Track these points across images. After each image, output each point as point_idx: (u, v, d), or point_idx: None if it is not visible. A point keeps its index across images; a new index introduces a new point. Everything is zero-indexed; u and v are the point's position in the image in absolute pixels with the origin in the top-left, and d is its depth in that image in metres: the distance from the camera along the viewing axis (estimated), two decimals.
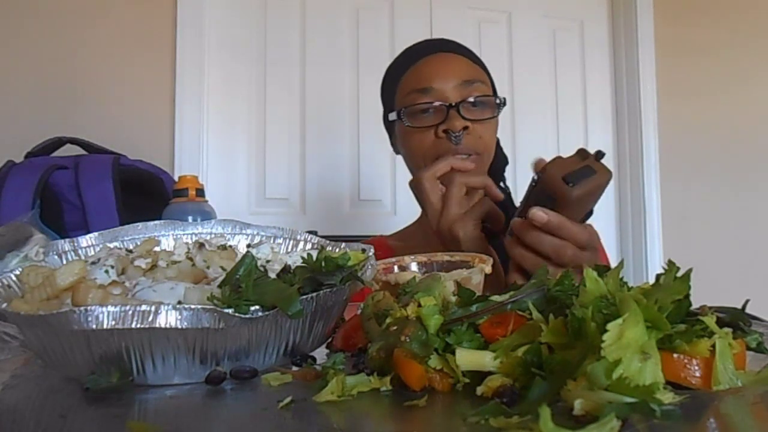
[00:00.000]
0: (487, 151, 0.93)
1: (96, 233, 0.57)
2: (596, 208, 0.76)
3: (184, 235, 0.60)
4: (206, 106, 1.89)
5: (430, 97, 0.91)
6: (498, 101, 0.93)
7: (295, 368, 0.43)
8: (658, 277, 0.35)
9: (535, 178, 0.70)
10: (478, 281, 0.57)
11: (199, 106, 1.87)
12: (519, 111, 2.20)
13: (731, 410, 0.31)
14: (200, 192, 1.02)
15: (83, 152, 1.35)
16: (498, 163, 0.98)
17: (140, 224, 0.59)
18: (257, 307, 0.40)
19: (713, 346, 0.33)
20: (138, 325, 0.36)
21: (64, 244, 0.55)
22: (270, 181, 1.98)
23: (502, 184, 0.97)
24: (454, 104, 0.89)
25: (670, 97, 2.26)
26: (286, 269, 0.45)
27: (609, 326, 0.30)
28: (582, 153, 0.70)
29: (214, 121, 1.92)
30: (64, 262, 0.53)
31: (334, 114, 2.02)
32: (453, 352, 0.36)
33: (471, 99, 0.90)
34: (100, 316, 0.36)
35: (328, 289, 0.43)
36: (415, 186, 0.85)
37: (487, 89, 0.94)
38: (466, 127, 0.89)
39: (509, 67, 2.21)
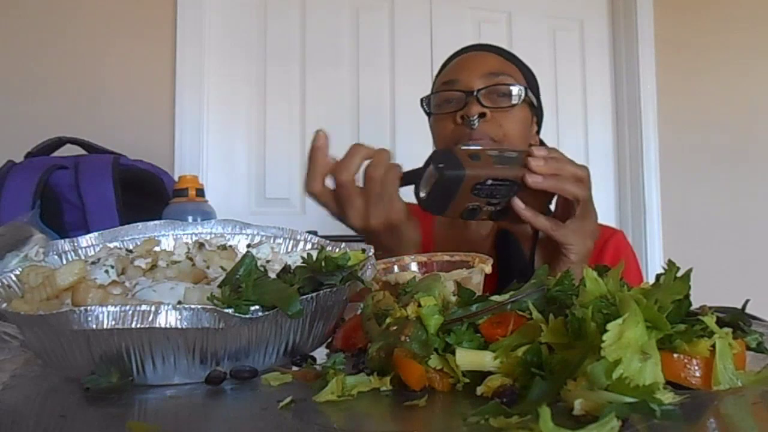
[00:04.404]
0: (507, 140, 0.92)
1: (96, 233, 0.57)
2: (596, 209, 0.76)
3: (184, 235, 0.60)
4: (206, 107, 1.89)
5: (453, 87, 0.94)
6: (518, 90, 0.92)
7: (295, 368, 0.43)
8: (658, 277, 0.35)
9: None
10: (478, 281, 0.57)
11: (199, 106, 1.87)
12: None
13: (731, 410, 0.31)
14: (200, 192, 1.02)
15: (83, 152, 1.35)
16: None
17: (140, 224, 0.59)
18: (257, 307, 0.40)
19: (713, 346, 0.33)
20: (138, 325, 0.36)
21: (64, 244, 0.55)
22: (270, 181, 1.98)
23: None
24: (474, 92, 0.90)
25: (670, 96, 2.26)
26: (286, 269, 0.45)
27: (609, 326, 0.30)
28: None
29: (214, 121, 1.92)
30: (64, 262, 0.53)
31: (334, 114, 2.02)
32: (453, 352, 0.36)
33: (485, 87, 0.91)
34: (100, 316, 0.36)
35: (328, 289, 0.43)
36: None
37: (513, 82, 0.94)
38: (483, 114, 0.89)
39: None
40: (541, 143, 1.04)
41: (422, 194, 0.69)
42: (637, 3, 2.24)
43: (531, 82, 1.00)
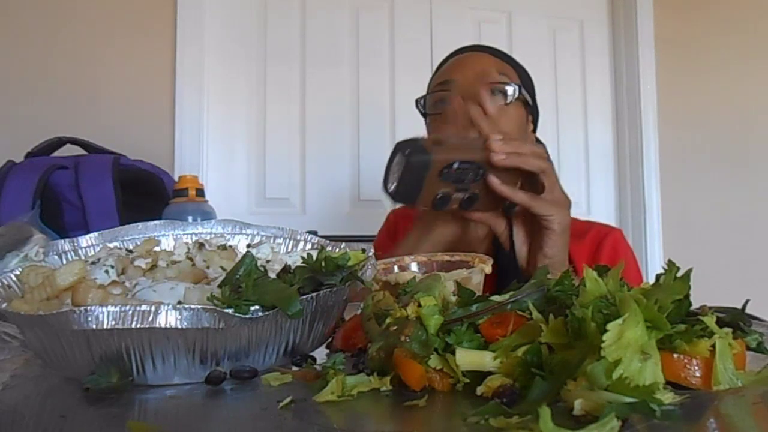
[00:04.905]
0: None
1: (96, 233, 0.57)
2: (596, 208, 0.76)
3: (184, 235, 0.60)
4: (206, 107, 1.89)
5: (448, 87, 0.94)
6: (513, 89, 0.92)
7: (295, 368, 0.43)
8: (658, 277, 0.35)
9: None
10: (478, 281, 0.57)
11: (199, 106, 1.87)
12: None
13: (731, 410, 0.31)
14: (200, 192, 1.02)
15: (83, 152, 1.35)
16: None
17: (140, 224, 0.59)
18: (257, 307, 0.40)
19: (713, 346, 0.33)
20: (138, 325, 0.36)
21: (64, 244, 0.55)
22: (270, 181, 1.98)
23: None
24: None
25: (670, 96, 2.26)
26: (286, 269, 0.45)
27: (609, 326, 0.30)
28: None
29: (214, 121, 1.92)
30: (64, 262, 0.53)
31: (334, 114, 2.02)
32: (453, 352, 0.36)
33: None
34: (100, 316, 0.36)
35: (328, 289, 0.43)
36: None
37: (508, 81, 0.94)
38: None
39: None
40: (538, 142, 1.04)
41: (391, 186, 0.69)
42: (637, 3, 2.24)
43: (526, 81, 1.00)
